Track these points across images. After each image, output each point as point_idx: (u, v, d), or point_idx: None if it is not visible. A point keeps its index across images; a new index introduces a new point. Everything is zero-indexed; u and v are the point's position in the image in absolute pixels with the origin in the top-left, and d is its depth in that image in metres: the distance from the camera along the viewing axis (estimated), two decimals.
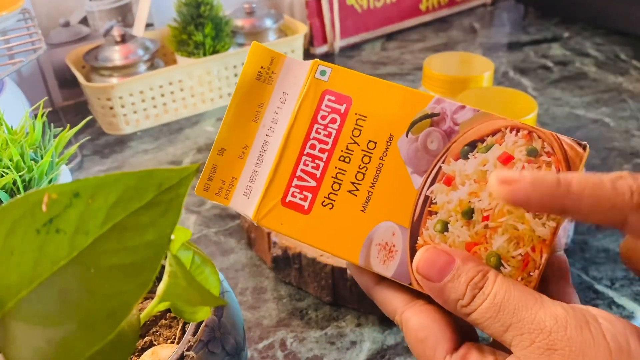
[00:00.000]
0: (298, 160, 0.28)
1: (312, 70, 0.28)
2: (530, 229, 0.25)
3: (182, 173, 0.20)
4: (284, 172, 0.28)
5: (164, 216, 0.20)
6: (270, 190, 0.28)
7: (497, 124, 0.26)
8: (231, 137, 0.28)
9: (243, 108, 0.29)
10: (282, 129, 0.28)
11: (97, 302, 0.19)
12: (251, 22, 0.84)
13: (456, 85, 0.57)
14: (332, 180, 0.27)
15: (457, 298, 0.24)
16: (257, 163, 0.28)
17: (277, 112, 0.28)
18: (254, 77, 0.29)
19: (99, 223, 0.19)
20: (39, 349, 0.19)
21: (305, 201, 0.27)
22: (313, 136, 0.28)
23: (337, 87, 0.28)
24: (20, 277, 0.19)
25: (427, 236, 0.26)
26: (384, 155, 0.27)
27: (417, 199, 0.26)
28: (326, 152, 0.28)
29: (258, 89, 0.29)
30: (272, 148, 0.28)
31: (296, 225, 0.27)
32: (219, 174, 0.28)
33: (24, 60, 0.58)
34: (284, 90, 0.28)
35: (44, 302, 0.19)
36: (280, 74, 0.29)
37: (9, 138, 0.41)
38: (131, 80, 0.74)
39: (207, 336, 0.30)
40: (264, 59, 0.29)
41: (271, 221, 0.28)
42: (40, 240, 0.19)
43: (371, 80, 0.28)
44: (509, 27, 1.06)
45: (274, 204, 0.28)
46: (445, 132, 0.26)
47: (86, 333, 0.19)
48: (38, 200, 0.19)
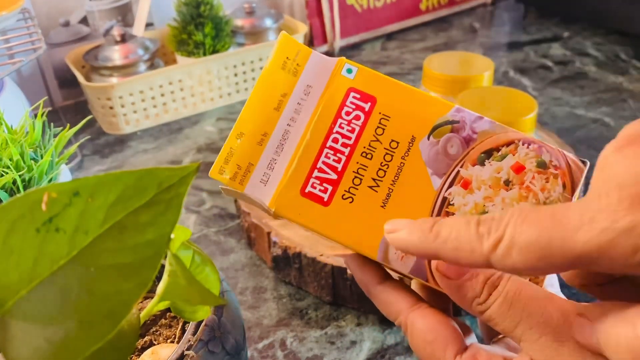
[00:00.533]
0: (320, 152, 0.28)
1: (339, 67, 0.29)
2: None
3: (182, 172, 0.20)
4: (305, 162, 0.28)
5: (163, 215, 0.20)
6: (289, 180, 0.28)
7: (512, 136, 0.27)
8: (251, 122, 0.29)
9: (266, 95, 0.29)
10: (304, 120, 0.29)
11: (97, 301, 0.19)
12: (251, 21, 0.84)
13: (456, 85, 0.57)
14: (353, 175, 0.28)
15: (474, 296, 0.24)
16: (276, 151, 0.28)
17: (300, 103, 0.29)
18: (279, 67, 0.29)
19: (98, 222, 0.19)
20: (38, 348, 0.19)
21: (325, 193, 0.28)
22: (336, 130, 0.28)
23: (362, 87, 0.29)
24: (20, 276, 0.19)
25: None
26: (405, 155, 0.28)
27: (435, 199, 0.27)
28: (348, 147, 0.28)
29: (282, 79, 0.29)
30: (293, 138, 0.28)
31: (314, 217, 0.28)
32: (236, 158, 0.28)
33: (23, 60, 0.57)
34: (309, 83, 0.29)
35: (43, 301, 0.19)
36: (306, 66, 0.29)
37: (9, 137, 0.41)
38: (131, 80, 0.74)
39: (207, 335, 0.30)
40: (291, 50, 0.29)
41: (289, 211, 0.28)
42: (39, 239, 0.19)
43: (396, 83, 0.29)
44: (509, 27, 1.06)
45: (293, 194, 0.28)
46: (464, 139, 0.28)
47: (86, 332, 0.19)
48: (38, 199, 0.19)
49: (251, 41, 0.84)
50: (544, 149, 0.27)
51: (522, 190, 0.27)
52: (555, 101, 0.80)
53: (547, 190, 0.27)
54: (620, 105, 0.78)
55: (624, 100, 0.79)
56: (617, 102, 0.78)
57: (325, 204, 0.28)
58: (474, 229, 0.22)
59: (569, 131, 0.72)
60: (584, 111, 0.77)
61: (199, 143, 0.74)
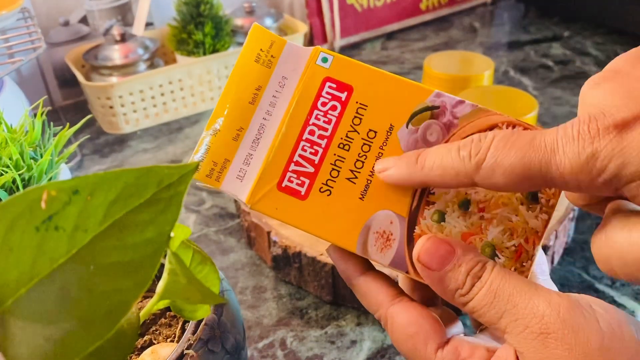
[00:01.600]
0: (296, 145, 0.27)
1: (314, 56, 0.28)
2: (524, 221, 0.26)
3: (181, 170, 0.20)
4: (281, 156, 0.27)
5: (163, 213, 0.19)
6: (265, 174, 0.27)
7: (495, 119, 0.27)
8: (226, 118, 0.28)
9: (240, 89, 0.28)
10: (280, 113, 0.28)
11: (96, 299, 0.19)
12: (251, 21, 0.84)
13: (456, 84, 0.57)
14: (330, 167, 0.27)
15: (457, 287, 0.24)
16: (252, 146, 0.28)
17: (275, 96, 0.28)
18: (253, 59, 0.28)
19: (98, 220, 0.19)
20: (37, 347, 0.19)
21: (302, 187, 0.27)
22: (312, 122, 0.27)
23: (339, 75, 0.28)
24: (19, 274, 0.19)
25: (425, 226, 0.27)
26: (384, 144, 0.27)
27: (415, 189, 0.27)
28: (325, 139, 0.27)
29: (256, 72, 0.28)
30: (269, 132, 0.28)
31: (292, 211, 0.27)
32: (211, 155, 0.28)
33: (23, 59, 0.57)
34: (284, 74, 0.28)
35: (43, 300, 0.19)
36: (280, 58, 0.28)
37: (9, 137, 0.41)
38: (131, 80, 0.73)
39: (207, 335, 0.29)
40: (264, 41, 0.28)
41: (266, 205, 0.27)
42: (39, 238, 0.19)
43: (373, 70, 0.28)
44: (509, 27, 1.06)
45: (270, 188, 0.27)
46: (445, 125, 0.27)
47: (85, 331, 0.19)
48: (37, 198, 0.19)
49: None
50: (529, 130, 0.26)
51: None
52: (555, 100, 0.80)
53: None
54: None
55: None
56: None
57: (302, 198, 0.27)
58: (455, 154, 0.24)
59: None
60: None
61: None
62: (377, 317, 0.27)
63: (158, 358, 0.30)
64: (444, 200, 0.27)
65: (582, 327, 0.22)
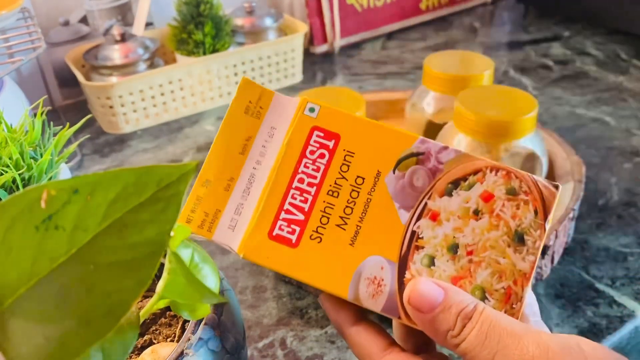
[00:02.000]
0: (286, 194, 0.28)
1: (301, 107, 0.29)
2: (512, 263, 0.27)
3: (181, 169, 0.20)
4: (272, 205, 0.28)
5: (163, 213, 0.19)
6: (256, 224, 0.28)
7: (479, 164, 0.27)
8: (217, 168, 0.28)
9: (230, 140, 0.29)
10: (269, 163, 0.28)
11: (96, 299, 0.19)
12: (251, 21, 0.84)
13: (456, 84, 0.57)
14: (320, 214, 0.28)
15: (448, 328, 0.25)
16: (243, 196, 0.28)
17: (264, 146, 0.29)
18: (242, 111, 0.29)
19: (98, 220, 0.19)
20: (37, 346, 0.19)
21: (293, 234, 0.28)
22: (302, 170, 0.28)
23: (326, 124, 0.29)
24: (19, 274, 0.19)
25: (415, 270, 0.27)
26: (372, 190, 0.28)
27: (404, 234, 0.27)
28: (315, 186, 0.28)
29: (246, 123, 0.29)
30: (259, 181, 0.28)
31: (283, 259, 0.27)
32: (203, 206, 0.28)
33: (23, 59, 0.57)
34: (272, 125, 0.29)
35: (42, 299, 0.19)
36: (269, 109, 0.29)
37: (8, 136, 0.41)
38: (131, 79, 0.73)
39: (206, 334, 0.29)
40: (252, 94, 0.29)
41: (257, 255, 0.28)
42: (39, 237, 0.19)
43: (359, 119, 0.29)
44: (509, 27, 1.06)
45: (261, 238, 0.28)
46: (430, 170, 0.28)
47: (85, 330, 0.19)
48: (37, 197, 0.19)
49: (251, 40, 0.84)
50: (512, 174, 0.27)
51: (493, 219, 0.27)
52: (555, 100, 0.80)
53: (519, 217, 0.27)
54: (621, 104, 0.78)
55: (624, 99, 0.79)
56: (617, 102, 0.78)
57: (293, 246, 0.27)
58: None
59: (569, 130, 0.72)
60: (585, 110, 0.77)
61: (199, 142, 0.74)
62: None
63: (158, 357, 0.30)
64: (433, 245, 0.27)
65: None
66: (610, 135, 0.71)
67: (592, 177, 0.62)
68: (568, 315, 0.46)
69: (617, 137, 0.70)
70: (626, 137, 0.70)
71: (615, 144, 0.69)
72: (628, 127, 0.72)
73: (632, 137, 0.70)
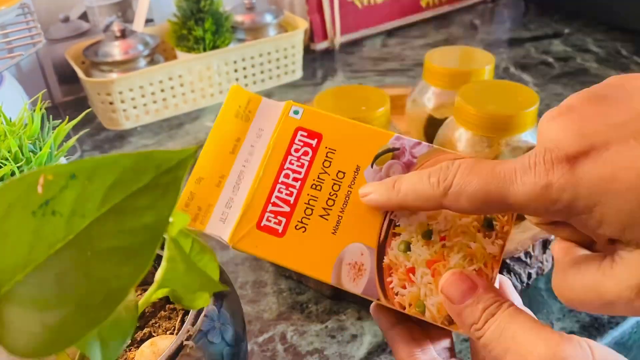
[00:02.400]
0: (273, 188, 0.30)
1: (286, 109, 0.32)
2: (482, 247, 0.29)
3: (180, 155, 0.19)
4: (260, 199, 0.30)
5: (162, 198, 0.19)
6: (245, 216, 0.30)
7: (449, 157, 0.30)
8: (209, 167, 0.31)
9: (221, 141, 0.32)
10: (257, 160, 0.31)
11: (94, 285, 0.19)
12: (251, 17, 0.84)
13: (457, 79, 0.57)
14: (304, 206, 0.30)
15: (473, 322, 0.26)
16: (233, 191, 0.31)
17: (253, 146, 0.31)
18: (233, 115, 0.32)
19: (95, 205, 0.19)
20: (34, 334, 0.18)
21: (279, 225, 0.30)
22: (287, 167, 0.31)
23: (309, 125, 0.31)
24: (16, 260, 0.19)
25: (392, 255, 0.29)
26: (352, 183, 0.30)
27: (382, 222, 0.29)
28: (299, 181, 0.30)
29: (236, 125, 0.32)
30: (247, 177, 0.31)
31: (270, 248, 0.30)
32: (196, 201, 0.31)
33: (23, 54, 0.57)
34: (260, 126, 0.32)
35: (39, 286, 0.19)
36: (257, 112, 0.32)
37: (7, 129, 0.40)
38: (131, 76, 0.73)
39: (206, 326, 0.29)
40: (242, 99, 0.32)
41: (246, 244, 0.30)
42: (35, 223, 0.19)
43: (339, 120, 0.31)
44: (510, 24, 1.06)
45: (250, 228, 0.30)
46: (405, 164, 0.30)
47: (82, 317, 0.18)
48: (34, 182, 0.19)
49: (251, 37, 0.84)
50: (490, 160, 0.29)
51: None
52: (556, 97, 0.79)
53: None
54: None
55: None
56: None
57: (280, 235, 0.30)
58: (426, 180, 0.26)
59: None
60: None
61: (199, 138, 0.74)
62: None
63: (157, 350, 0.30)
64: (409, 232, 0.29)
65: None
66: None
67: None
68: (570, 310, 0.46)
69: None
70: None
71: None
72: None
73: None
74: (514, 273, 0.46)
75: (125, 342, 0.20)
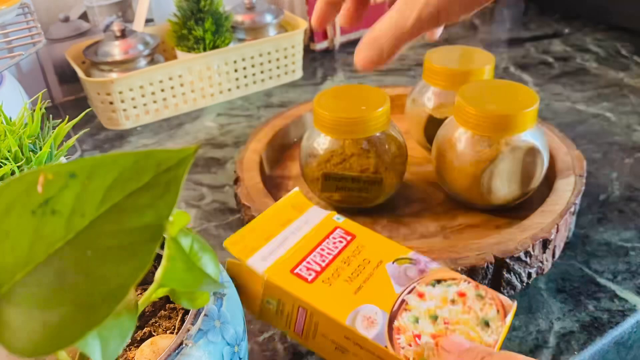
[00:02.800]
0: (309, 253, 0.37)
1: (331, 214, 0.41)
2: (479, 337, 0.32)
3: (180, 154, 0.19)
4: (297, 256, 0.37)
5: (162, 198, 0.19)
6: (283, 262, 0.37)
7: (456, 275, 0.36)
8: (262, 227, 0.39)
9: (276, 216, 0.40)
10: (301, 235, 0.39)
11: (94, 284, 0.19)
12: (251, 17, 0.84)
13: (457, 79, 0.57)
14: (333, 271, 0.36)
15: None
16: (277, 247, 0.38)
17: (299, 227, 0.39)
18: (290, 206, 0.41)
19: (95, 204, 0.19)
20: (34, 333, 0.18)
21: (309, 276, 0.36)
22: (325, 244, 0.38)
23: (347, 228, 0.40)
24: (16, 259, 0.19)
25: (402, 322, 0.33)
26: (375, 269, 0.36)
27: (396, 299, 0.34)
28: (332, 255, 0.37)
29: (290, 212, 0.41)
30: (291, 242, 0.38)
31: (297, 288, 0.35)
32: (246, 241, 0.38)
33: (23, 53, 0.57)
34: (308, 218, 0.40)
35: (39, 285, 0.19)
36: (308, 211, 0.41)
37: (7, 129, 0.40)
38: (131, 75, 0.73)
39: (206, 325, 0.29)
40: (299, 200, 0.42)
41: (278, 279, 0.35)
42: (35, 222, 0.19)
43: (371, 231, 0.39)
44: (510, 24, 1.06)
45: (284, 269, 0.36)
46: (419, 270, 0.36)
47: (83, 316, 0.18)
48: (33, 181, 0.19)
49: (251, 37, 0.84)
50: (480, 287, 0.35)
51: (465, 307, 0.34)
52: (556, 97, 0.79)
53: (485, 311, 0.34)
54: (621, 100, 0.77)
55: (624, 95, 0.79)
56: (618, 98, 0.78)
57: (308, 282, 0.35)
58: (394, 14, 0.38)
59: (570, 126, 0.71)
60: (585, 106, 0.76)
61: (199, 138, 0.74)
62: None
63: (158, 349, 0.30)
64: (418, 311, 0.34)
65: None
66: (611, 131, 0.70)
67: (593, 173, 0.62)
68: (569, 310, 0.46)
69: (618, 133, 0.70)
70: (627, 133, 0.70)
71: (616, 140, 0.68)
72: (629, 123, 0.72)
73: (633, 132, 0.70)
74: (514, 273, 0.46)
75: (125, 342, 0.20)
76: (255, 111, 0.79)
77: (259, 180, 0.57)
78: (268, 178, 0.62)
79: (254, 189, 0.55)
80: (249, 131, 0.74)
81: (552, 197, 0.52)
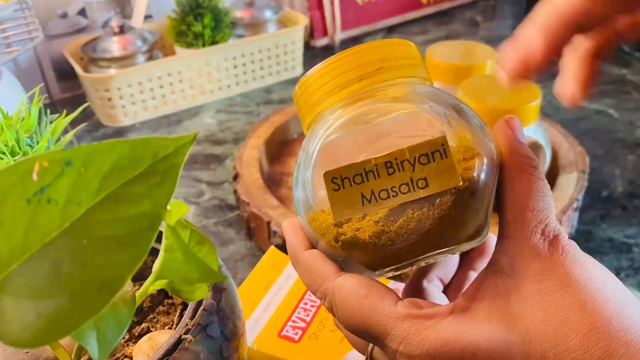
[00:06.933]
0: (294, 309, 0.40)
1: None
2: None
3: (178, 142, 0.19)
4: (282, 316, 0.39)
5: (159, 186, 0.19)
6: (269, 328, 0.39)
7: None
8: (246, 295, 0.41)
9: (257, 281, 0.42)
10: (283, 294, 0.41)
11: (90, 274, 0.18)
12: (251, 13, 0.84)
13: (459, 74, 0.57)
14: (318, 323, 0.39)
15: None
16: (262, 311, 0.40)
17: (281, 286, 0.41)
18: (269, 266, 0.43)
19: (92, 193, 0.19)
20: (30, 323, 0.18)
21: (296, 335, 0.38)
22: (307, 299, 0.40)
23: None
24: (11, 249, 0.19)
25: None
26: None
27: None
28: (315, 306, 0.40)
29: (270, 273, 0.43)
30: (274, 304, 0.40)
31: (287, 351, 0.37)
32: None
33: (20, 48, 0.57)
34: (288, 274, 0.42)
35: (35, 275, 0.18)
36: (287, 266, 0.43)
37: (4, 123, 0.40)
38: (129, 72, 0.73)
39: (205, 320, 0.29)
40: (276, 258, 0.44)
41: (268, 347, 0.38)
42: (31, 211, 0.18)
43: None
44: (511, 20, 1.06)
45: (272, 335, 0.38)
46: None
47: (79, 306, 0.18)
48: (29, 169, 0.18)
49: (251, 33, 0.84)
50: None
51: None
52: None
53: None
54: (624, 97, 0.77)
55: (627, 92, 0.78)
56: (620, 94, 0.78)
57: (295, 342, 0.38)
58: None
59: (572, 123, 0.71)
60: (588, 103, 0.76)
61: (198, 135, 0.73)
62: (322, 293, 0.26)
63: (156, 344, 0.30)
64: None
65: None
66: (614, 127, 0.70)
67: (596, 169, 0.62)
68: None
69: (621, 130, 0.69)
70: (630, 129, 0.69)
71: (619, 136, 0.68)
72: (632, 120, 0.71)
73: (636, 129, 0.69)
74: None
75: (122, 333, 0.20)
76: (254, 108, 0.79)
77: (259, 177, 0.56)
78: (267, 174, 0.61)
79: (253, 185, 0.55)
80: (248, 128, 0.73)
81: (555, 193, 0.51)
